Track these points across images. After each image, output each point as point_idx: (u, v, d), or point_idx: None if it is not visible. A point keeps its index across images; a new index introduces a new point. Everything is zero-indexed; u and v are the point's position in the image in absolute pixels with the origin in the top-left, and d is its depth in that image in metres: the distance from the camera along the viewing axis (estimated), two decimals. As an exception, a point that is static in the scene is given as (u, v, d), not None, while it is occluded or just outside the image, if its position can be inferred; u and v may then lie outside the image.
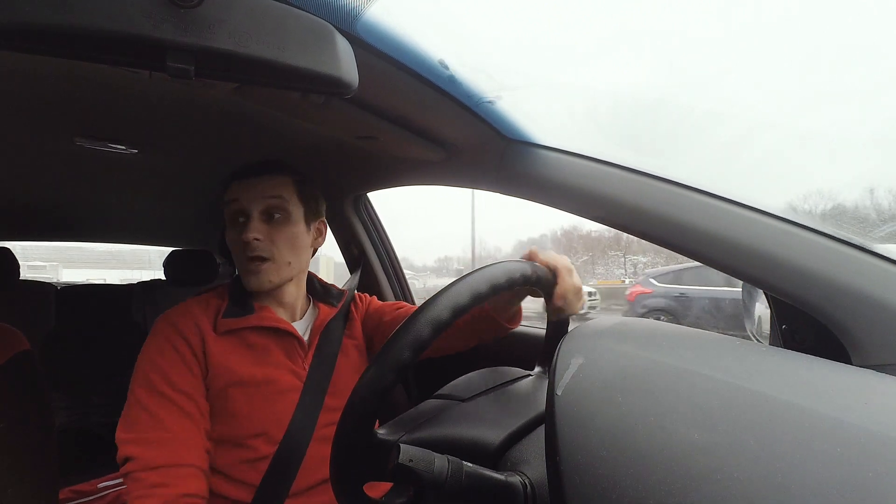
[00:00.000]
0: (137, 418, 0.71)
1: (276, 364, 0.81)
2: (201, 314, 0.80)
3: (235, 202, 0.81)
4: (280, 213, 0.82)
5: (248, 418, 0.77)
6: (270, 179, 0.82)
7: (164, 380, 0.73)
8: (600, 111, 0.77)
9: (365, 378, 0.43)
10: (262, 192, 0.80)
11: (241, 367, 0.78)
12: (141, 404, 0.71)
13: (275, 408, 0.79)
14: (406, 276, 1.60)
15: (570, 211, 0.70)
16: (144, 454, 0.68)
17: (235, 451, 0.77)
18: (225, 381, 0.77)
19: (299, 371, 0.83)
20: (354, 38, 0.52)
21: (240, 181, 0.82)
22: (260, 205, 0.80)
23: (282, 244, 0.82)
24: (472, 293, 0.47)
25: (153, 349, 0.76)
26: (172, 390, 0.73)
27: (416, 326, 0.43)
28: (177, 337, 0.76)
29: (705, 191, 0.60)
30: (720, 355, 0.38)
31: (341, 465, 0.44)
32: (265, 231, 0.80)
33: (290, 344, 0.83)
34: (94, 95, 0.77)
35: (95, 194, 1.50)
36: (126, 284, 2.07)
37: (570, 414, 0.34)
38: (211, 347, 0.77)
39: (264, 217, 0.81)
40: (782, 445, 0.27)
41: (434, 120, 0.78)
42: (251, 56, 0.39)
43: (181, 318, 0.78)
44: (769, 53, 14.87)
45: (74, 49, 0.37)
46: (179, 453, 0.70)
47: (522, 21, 1.07)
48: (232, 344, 0.79)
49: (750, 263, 0.55)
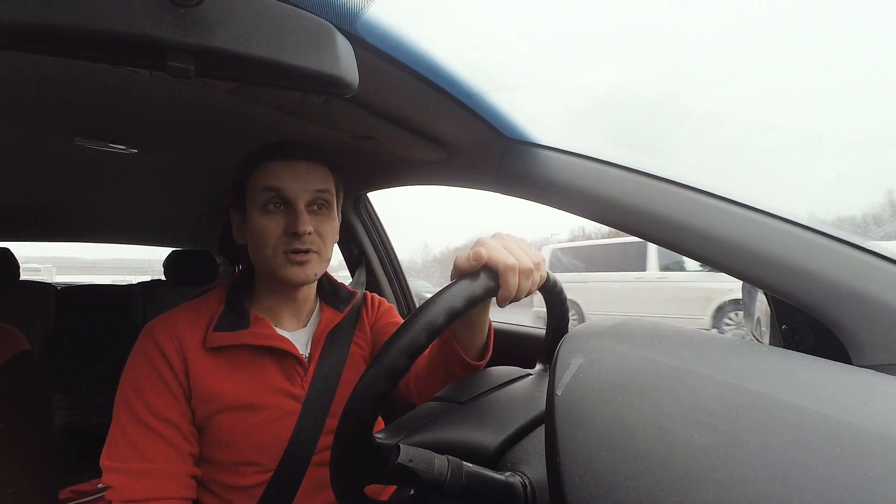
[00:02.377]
0: (119, 446, 0.67)
1: (272, 388, 0.74)
2: (188, 329, 0.73)
3: (276, 189, 0.72)
4: (324, 205, 0.76)
5: (237, 447, 0.72)
6: (316, 167, 0.75)
7: (146, 406, 0.68)
8: (600, 111, 0.77)
9: (361, 384, 0.43)
10: (310, 181, 0.73)
11: (230, 391, 0.71)
12: (123, 431, 0.68)
13: (268, 436, 0.72)
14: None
15: (570, 211, 0.70)
16: (125, 485, 0.65)
17: (226, 476, 0.73)
18: (213, 407, 0.70)
19: (298, 392, 0.75)
20: (354, 37, 0.52)
21: (280, 163, 0.73)
22: (308, 196, 0.73)
23: (327, 237, 0.76)
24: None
25: (135, 367, 0.71)
26: (154, 418, 0.68)
27: (410, 332, 0.44)
28: (157, 355, 0.70)
29: (705, 191, 0.60)
30: (720, 355, 0.38)
31: (340, 471, 0.44)
32: (312, 223, 0.73)
33: (289, 364, 0.76)
34: (94, 95, 0.77)
35: (95, 194, 1.49)
36: (126, 284, 2.07)
37: (570, 414, 0.34)
38: (195, 369, 0.70)
39: (309, 208, 0.74)
40: (782, 445, 0.27)
41: (434, 120, 0.78)
42: (251, 55, 0.39)
43: (164, 334, 0.71)
44: (769, 52, 14.90)
45: (74, 49, 0.37)
46: (160, 486, 0.66)
47: (523, 21, 1.07)
48: (220, 364, 0.72)
49: (750, 263, 0.55)
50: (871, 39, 0.84)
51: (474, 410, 0.54)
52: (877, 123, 2.84)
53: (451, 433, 0.50)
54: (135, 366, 0.71)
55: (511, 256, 0.52)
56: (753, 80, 1.14)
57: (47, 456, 0.82)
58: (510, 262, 0.51)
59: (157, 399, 0.69)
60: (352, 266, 1.60)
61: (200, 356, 0.71)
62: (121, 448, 0.67)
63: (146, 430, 0.68)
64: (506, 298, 0.53)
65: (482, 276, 0.51)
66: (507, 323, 1.35)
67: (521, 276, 0.53)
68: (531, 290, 0.56)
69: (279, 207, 0.72)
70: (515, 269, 0.52)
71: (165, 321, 0.74)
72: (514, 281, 0.52)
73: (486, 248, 0.52)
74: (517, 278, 0.52)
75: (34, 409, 0.80)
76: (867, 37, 0.84)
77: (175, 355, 0.70)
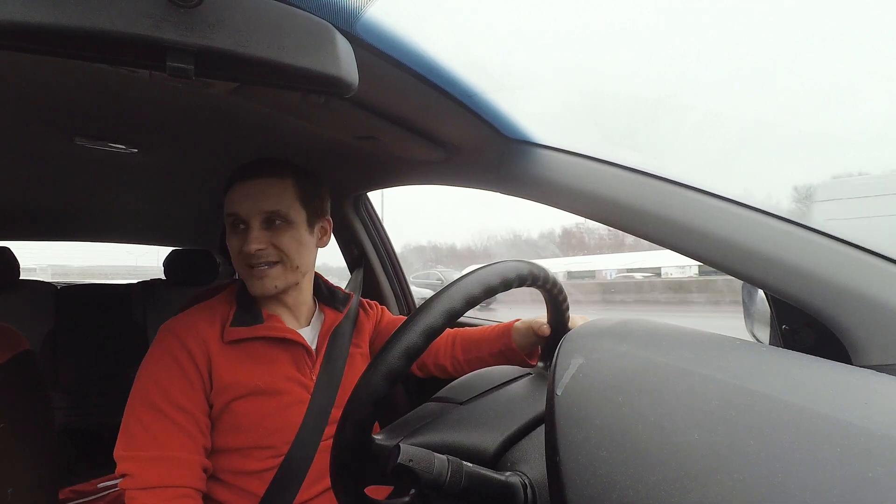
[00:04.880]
0: (135, 435, 0.70)
1: (285, 376, 0.80)
2: (207, 326, 0.78)
3: (234, 213, 0.78)
4: (280, 220, 0.79)
5: (253, 431, 0.76)
6: (269, 185, 0.79)
7: (164, 395, 0.72)
8: (600, 111, 0.77)
9: (361, 384, 0.43)
10: (260, 201, 0.77)
11: (248, 378, 0.77)
12: (139, 421, 0.71)
13: (281, 421, 0.78)
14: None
15: (570, 211, 0.70)
16: (141, 473, 0.67)
17: (239, 461, 0.76)
18: (231, 394, 0.75)
19: (307, 382, 0.82)
20: (354, 37, 0.52)
21: (238, 185, 0.79)
22: (259, 215, 0.78)
23: (289, 248, 0.79)
24: (465, 296, 0.47)
25: (155, 361, 0.75)
26: (171, 407, 0.72)
27: (409, 334, 0.44)
28: (181, 350, 0.75)
29: (705, 190, 0.60)
30: (720, 355, 0.38)
31: (340, 471, 0.44)
32: (266, 238, 0.78)
33: (299, 354, 0.82)
34: (94, 95, 0.76)
35: (95, 194, 1.49)
36: (126, 284, 2.06)
37: (570, 414, 0.34)
38: (216, 360, 0.76)
39: (265, 224, 0.79)
40: (782, 445, 0.27)
41: (434, 120, 0.78)
42: (251, 56, 0.39)
43: (187, 331, 0.76)
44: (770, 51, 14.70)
45: (74, 49, 0.37)
46: (175, 474, 0.69)
47: (523, 21, 1.07)
48: (239, 355, 0.78)
49: (750, 263, 0.55)
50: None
51: (474, 411, 0.54)
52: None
53: (451, 434, 0.50)
54: (155, 360, 0.75)
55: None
56: (753, 81, 1.14)
57: (47, 456, 0.82)
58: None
59: (176, 389, 0.73)
60: (352, 267, 1.60)
61: (220, 349, 0.77)
62: (137, 437, 0.70)
63: (163, 419, 0.71)
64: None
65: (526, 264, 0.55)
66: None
67: None
68: None
69: (240, 227, 0.80)
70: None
71: (185, 320, 0.79)
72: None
73: None
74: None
75: (34, 409, 0.80)
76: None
77: (198, 350, 0.75)
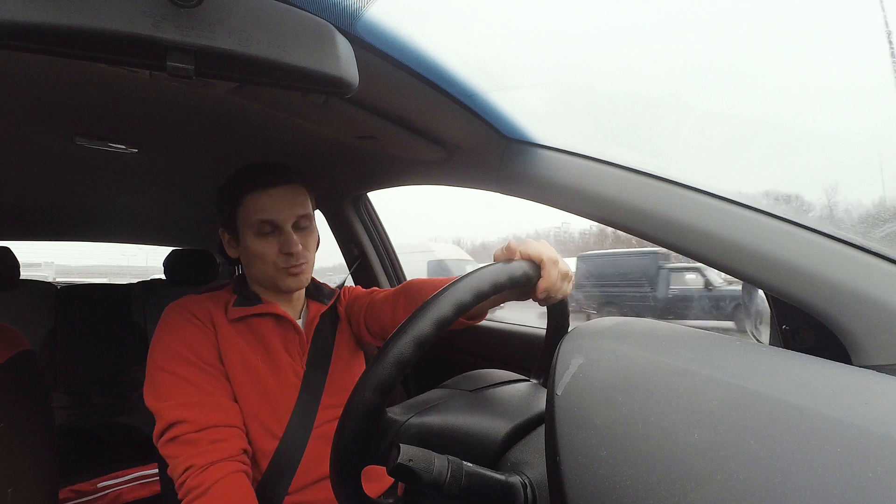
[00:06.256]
0: (175, 386, 0.73)
1: (280, 360, 0.85)
2: (212, 305, 0.84)
3: (269, 221, 0.82)
4: (307, 223, 0.87)
5: (254, 405, 0.80)
6: (296, 192, 0.85)
7: (192, 351, 0.77)
8: (600, 110, 0.77)
9: (389, 344, 0.42)
10: (291, 206, 0.84)
11: (249, 353, 0.82)
12: (175, 374, 0.74)
13: (275, 402, 0.82)
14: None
15: (570, 211, 0.70)
16: (196, 416, 0.71)
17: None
18: (235, 365, 0.80)
19: (298, 369, 0.86)
20: (354, 37, 0.52)
21: (262, 193, 0.82)
22: (293, 219, 0.84)
23: (311, 248, 0.88)
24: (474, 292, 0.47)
25: (172, 328, 0.79)
26: (201, 361, 0.77)
27: (419, 325, 0.43)
28: (194, 319, 0.81)
29: (705, 191, 0.60)
30: (720, 355, 0.38)
31: (346, 436, 0.43)
32: (299, 240, 0.84)
33: (292, 338, 0.87)
34: (94, 95, 0.77)
35: (95, 194, 1.49)
36: (126, 284, 2.06)
37: (570, 414, 0.34)
38: (221, 333, 0.82)
39: (293, 227, 0.85)
40: (782, 446, 0.27)
41: (434, 120, 0.78)
42: (251, 55, 0.39)
43: (195, 305, 0.83)
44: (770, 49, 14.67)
45: (74, 49, 0.37)
46: (226, 415, 0.74)
47: (523, 20, 1.07)
48: (241, 331, 0.84)
49: (750, 263, 0.55)
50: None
51: (483, 399, 0.55)
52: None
53: (462, 417, 0.50)
54: (175, 328, 0.79)
55: (553, 251, 0.56)
56: (754, 81, 1.14)
57: (47, 456, 0.82)
58: (553, 255, 0.55)
59: (199, 346, 0.78)
60: (352, 266, 1.60)
61: (226, 325, 0.83)
62: (177, 387, 0.73)
63: (196, 369, 0.76)
64: (546, 290, 0.55)
65: (523, 263, 0.53)
66: (508, 322, 1.34)
67: (563, 280, 0.57)
68: (564, 294, 0.59)
69: (271, 232, 0.84)
70: (557, 261, 0.56)
71: (192, 298, 0.85)
72: (554, 273, 0.55)
73: (524, 244, 0.55)
74: (560, 268, 0.56)
75: (34, 408, 0.80)
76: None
77: (207, 321, 0.82)
